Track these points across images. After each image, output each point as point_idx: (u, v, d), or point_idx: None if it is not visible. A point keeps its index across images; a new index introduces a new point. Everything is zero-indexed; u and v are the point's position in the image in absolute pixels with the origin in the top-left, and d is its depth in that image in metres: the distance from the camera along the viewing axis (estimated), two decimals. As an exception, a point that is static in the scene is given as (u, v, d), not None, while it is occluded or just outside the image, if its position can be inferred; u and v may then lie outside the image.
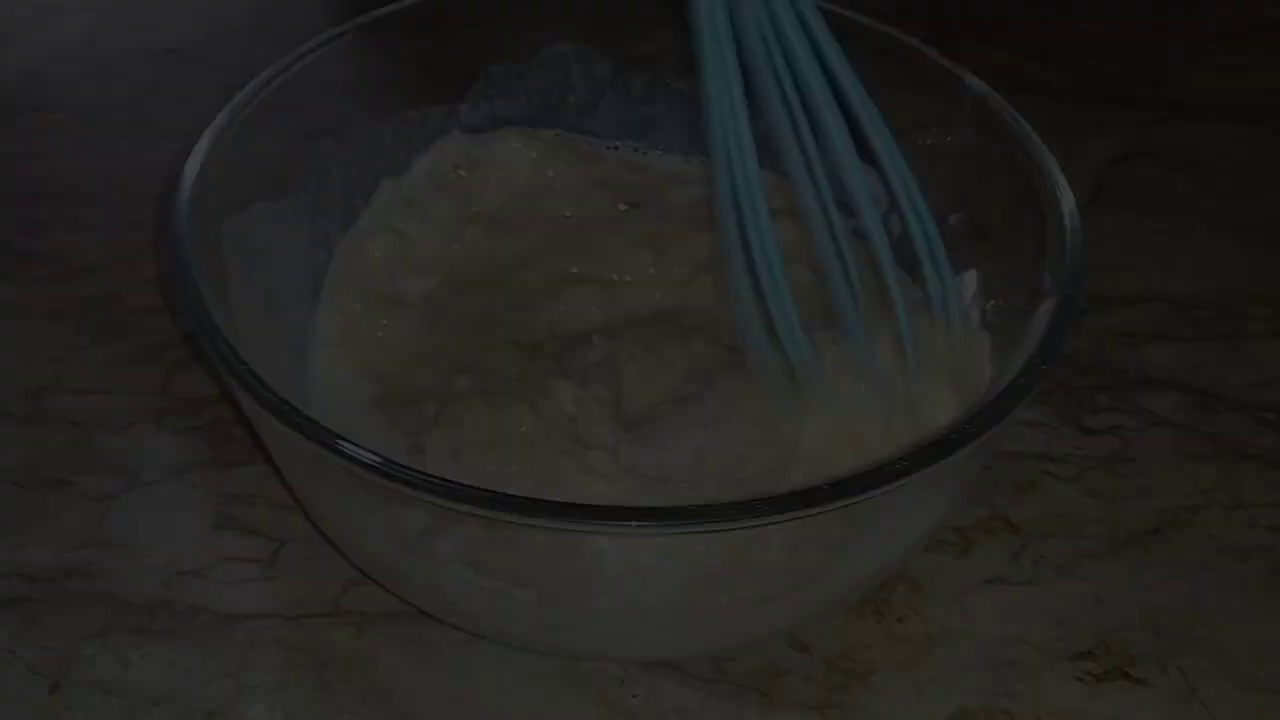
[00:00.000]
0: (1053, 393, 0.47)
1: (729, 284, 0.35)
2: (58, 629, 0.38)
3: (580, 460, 0.36)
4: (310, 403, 0.39)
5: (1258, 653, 0.39)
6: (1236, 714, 0.37)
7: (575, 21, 0.47)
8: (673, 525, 0.29)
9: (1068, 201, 0.36)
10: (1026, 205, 0.37)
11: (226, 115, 0.39)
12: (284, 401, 0.30)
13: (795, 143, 0.34)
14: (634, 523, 0.28)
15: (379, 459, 0.29)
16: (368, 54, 0.45)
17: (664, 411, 0.38)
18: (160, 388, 0.46)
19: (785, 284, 0.35)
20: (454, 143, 0.48)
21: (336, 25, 0.43)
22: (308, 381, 0.41)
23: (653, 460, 0.37)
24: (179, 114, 0.57)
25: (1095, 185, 0.56)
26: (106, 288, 0.50)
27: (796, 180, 0.34)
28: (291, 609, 0.39)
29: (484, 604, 0.34)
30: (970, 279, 0.40)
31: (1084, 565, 0.42)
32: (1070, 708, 0.37)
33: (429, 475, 0.28)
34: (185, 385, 0.46)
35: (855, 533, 0.33)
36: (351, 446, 0.29)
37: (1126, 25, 0.67)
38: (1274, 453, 0.45)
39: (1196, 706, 0.37)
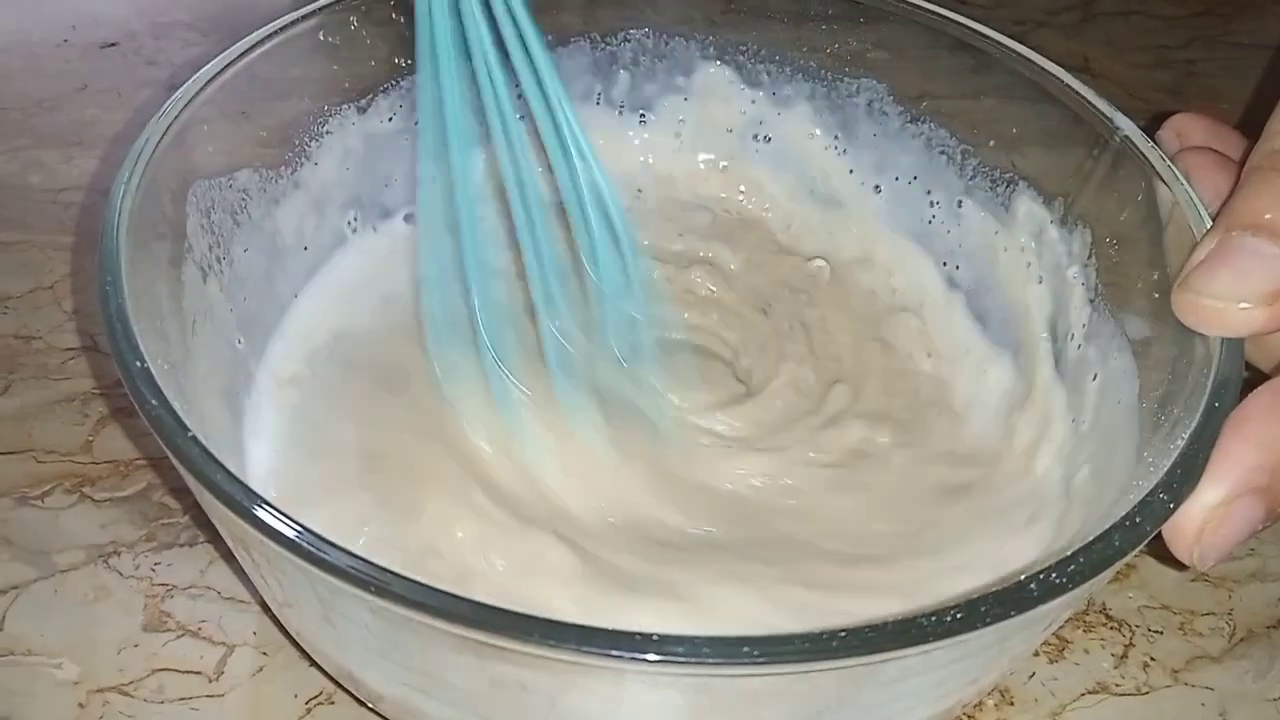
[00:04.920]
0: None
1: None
2: (-61, 766, 0.30)
3: None
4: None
5: None
6: None
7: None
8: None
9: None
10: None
11: (165, 116, 0.31)
12: (299, 529, 0.22)
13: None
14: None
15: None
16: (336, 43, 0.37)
17: None
18: (81, 447, 0.38)
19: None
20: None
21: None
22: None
23: None
24: (115, 116, 0.50)
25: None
26: (20, 323, 0.42)
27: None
28: (241, 736, 0.31)
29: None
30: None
31: (1202, 668, 0.35)
32: None
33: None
34: (112, 444, 0.38)
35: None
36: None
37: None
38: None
39: None
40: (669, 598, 0.29)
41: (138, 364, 0.25)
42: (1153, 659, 0.35)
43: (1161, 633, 0.36)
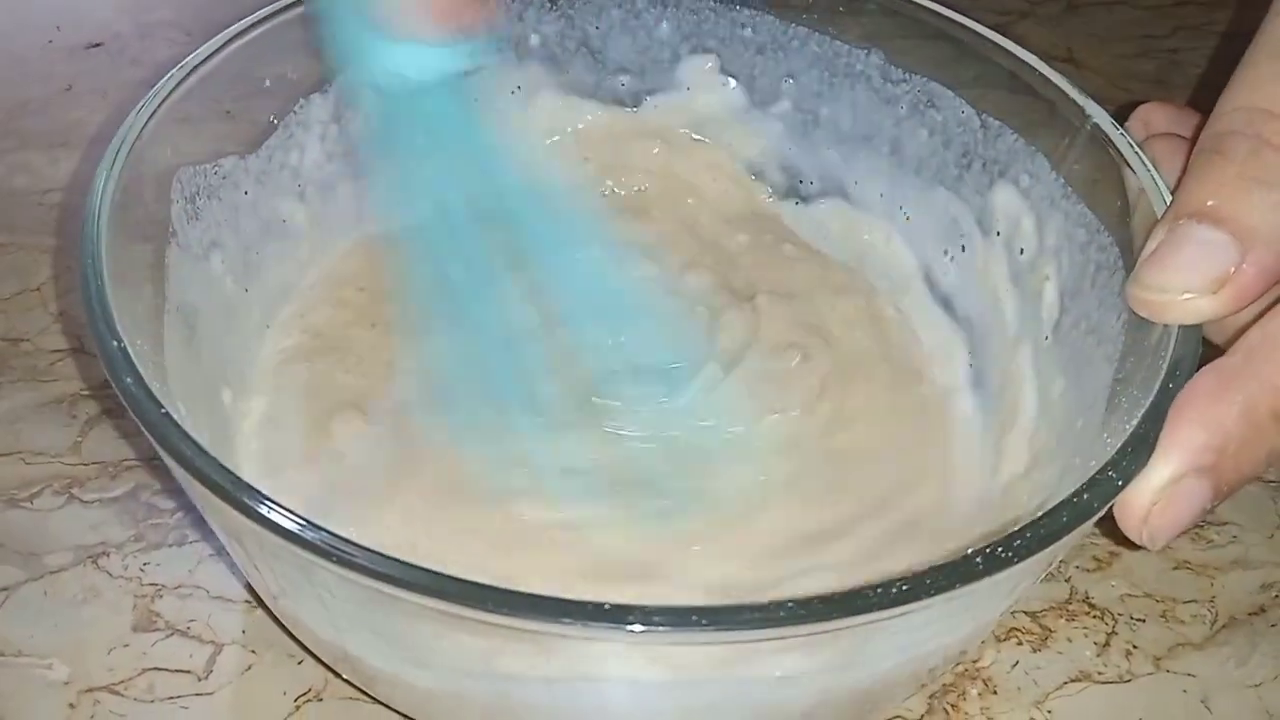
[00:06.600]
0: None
1: None
2: (-68, 768, 0.30)
3: None
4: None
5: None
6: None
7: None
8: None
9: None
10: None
11: (142, 113, 0.31)
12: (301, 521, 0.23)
13: None
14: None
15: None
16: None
17: None
18: (70, 448, 0.38)
19: None
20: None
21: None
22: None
23: None
24: (100, 117, 0.50)
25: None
26: (8, 325, 0.42)
27: None
28: (231, 734, 0.31)
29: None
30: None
31: (1184, 656, 0.35)
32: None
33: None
34: (101, 444, 0.38)
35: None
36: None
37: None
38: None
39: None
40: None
41: (130, 377, 0.25)
42: (1135, 647, 0.35)
43: (1144, 621, 0.36)
